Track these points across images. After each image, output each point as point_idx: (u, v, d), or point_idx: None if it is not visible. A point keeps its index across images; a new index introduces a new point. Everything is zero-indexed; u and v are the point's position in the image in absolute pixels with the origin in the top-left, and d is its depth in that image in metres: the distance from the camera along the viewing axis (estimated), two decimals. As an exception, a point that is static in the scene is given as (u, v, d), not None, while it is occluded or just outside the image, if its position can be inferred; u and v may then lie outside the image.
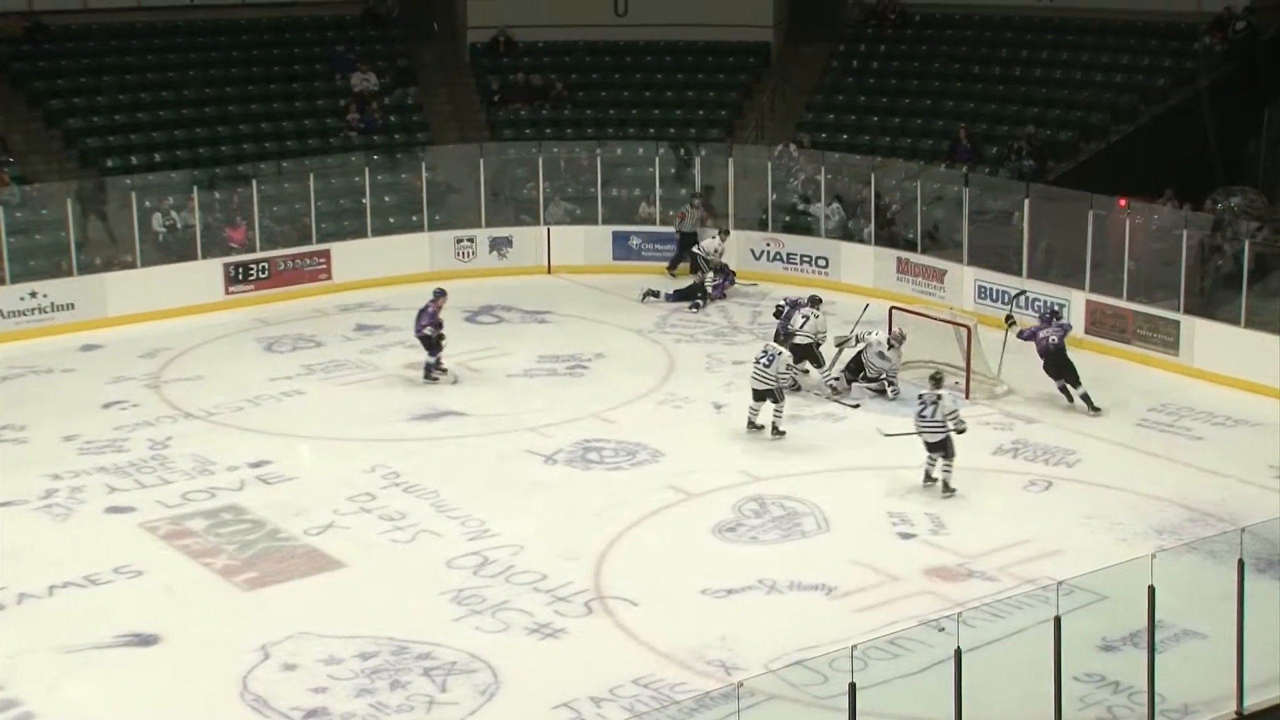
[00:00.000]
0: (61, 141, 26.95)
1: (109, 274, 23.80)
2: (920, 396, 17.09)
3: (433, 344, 20.50)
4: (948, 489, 16.65)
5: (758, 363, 18.52)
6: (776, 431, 18.39)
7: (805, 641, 13.30)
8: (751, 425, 18.51)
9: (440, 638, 13.75)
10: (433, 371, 20.59)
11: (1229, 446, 18.19)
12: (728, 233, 24.98)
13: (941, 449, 16.69)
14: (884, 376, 19.83)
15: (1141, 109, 27.00)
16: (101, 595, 14.74)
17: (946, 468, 16.71)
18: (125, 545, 15.77)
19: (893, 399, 19.70)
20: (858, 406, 19.44)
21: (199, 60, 29.23)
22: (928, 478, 16.81)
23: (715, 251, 24.65)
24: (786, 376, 18.84)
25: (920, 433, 16.80)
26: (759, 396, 18.46)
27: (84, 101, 27.63)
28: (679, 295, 24.11)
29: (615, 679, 12.97)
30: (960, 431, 16.77)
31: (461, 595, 14.58)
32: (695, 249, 24.86)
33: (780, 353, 18.66)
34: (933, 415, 16.70)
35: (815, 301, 20.79)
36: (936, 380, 17.25)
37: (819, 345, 20.46)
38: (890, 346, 19.87)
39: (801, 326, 20.34)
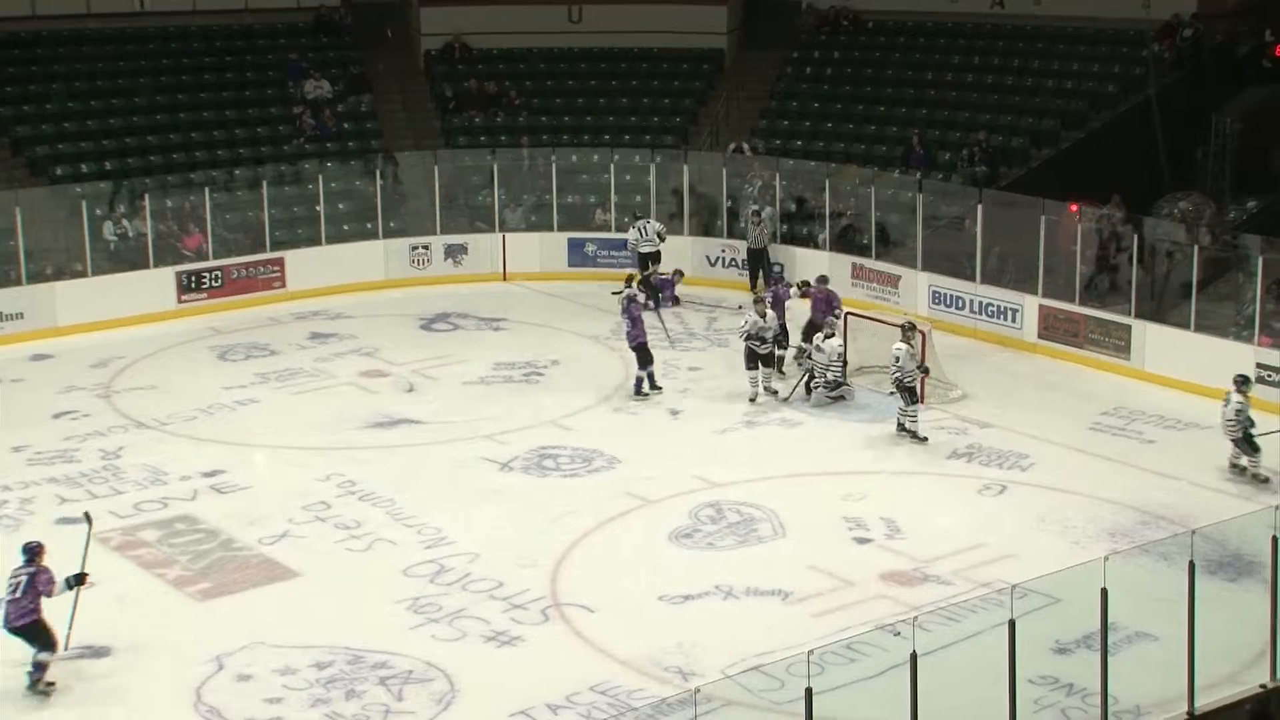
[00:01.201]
0: (10, 149, 26.69)
1: (59, 283, 23.60)
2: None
3: (647, 355, 20.21)
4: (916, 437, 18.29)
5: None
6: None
7: (762, 647, 13.31)
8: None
9: (396, 646, 13.69)
10: (643, 387, 20.17)
11: (1180, 449, 18.35)
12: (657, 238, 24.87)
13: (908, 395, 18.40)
14: (833, 377, 19.75)
15: (1091, 115, 27.25)
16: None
17: (909, 414, 18.43)
18: (76, 556, 15.56)
19: (850, 400, 19.80)
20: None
21: (150, 67, 29.03)
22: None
23: (640, 242, 24.64)
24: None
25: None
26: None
27: (33, 109, 27.38)
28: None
29: (572, 686, 12.96)
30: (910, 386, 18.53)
31: (418, 603, 14.52)
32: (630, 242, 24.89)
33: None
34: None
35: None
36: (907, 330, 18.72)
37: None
38: (827, 337, 19.91)
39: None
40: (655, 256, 24.71)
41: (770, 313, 20.05)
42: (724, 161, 26.85)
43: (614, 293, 22.02)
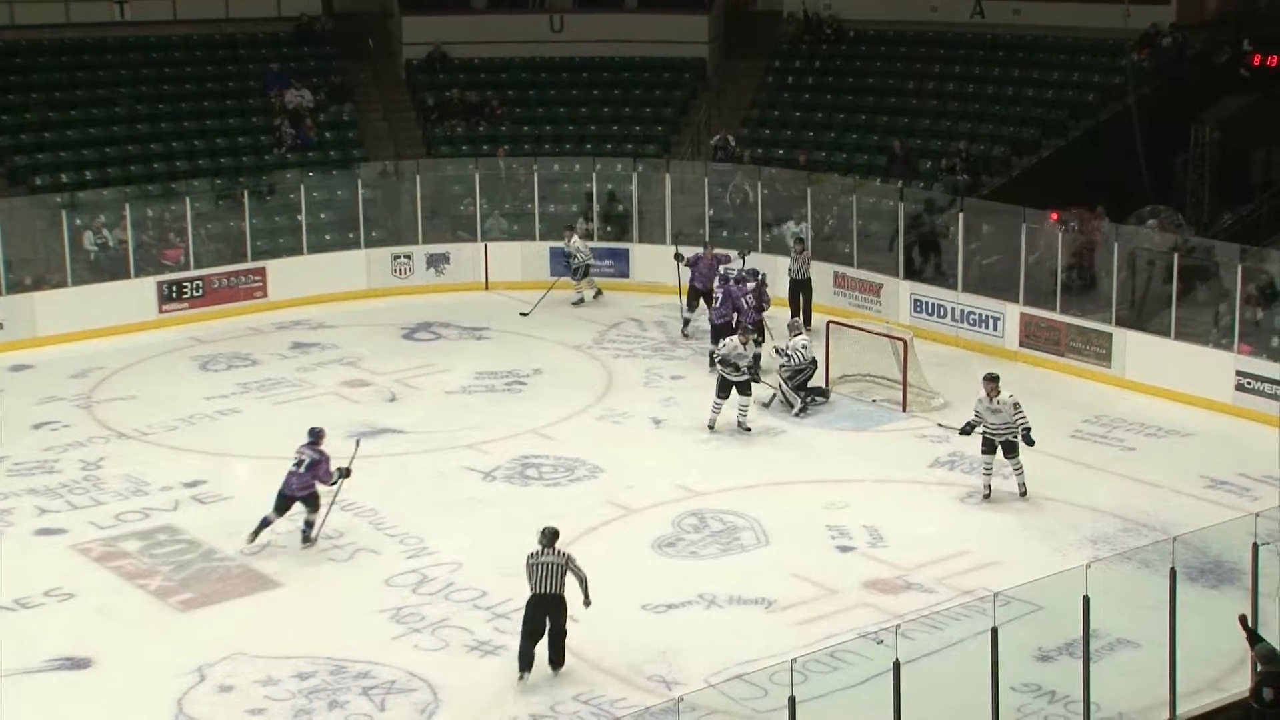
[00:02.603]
0: (-11, 159, 26.63)
1: (38, 293, 23.51)
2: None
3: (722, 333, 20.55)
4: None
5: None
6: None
7: (745, 655, 13.34)
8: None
9: (379, 656, 13.66)
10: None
11: (1161, 457, 18.42)
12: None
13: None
14: (796, 375, 19.79)
15: (1072, 124, 27.36)
16: (32, 619, 14.54)
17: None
18: (56, 567, 15.56)
19: (823, 401, 19.79)
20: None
21: (130, 77, 28.97)
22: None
23: (579, 251, 24.67)
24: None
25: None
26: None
27: (12, 119, 27.28)
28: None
29: (556, 696, 12.95)
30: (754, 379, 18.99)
31: (400, 613, 14.49)
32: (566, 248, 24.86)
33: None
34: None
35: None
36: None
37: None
38: (794, 334, 20.06)
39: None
40: (585, 270, 24.84)
41: (751, 344, 19.24)
42: (709, 155, 26.96)
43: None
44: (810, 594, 14.80)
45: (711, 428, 19.04)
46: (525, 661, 13.16)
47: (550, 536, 13.42)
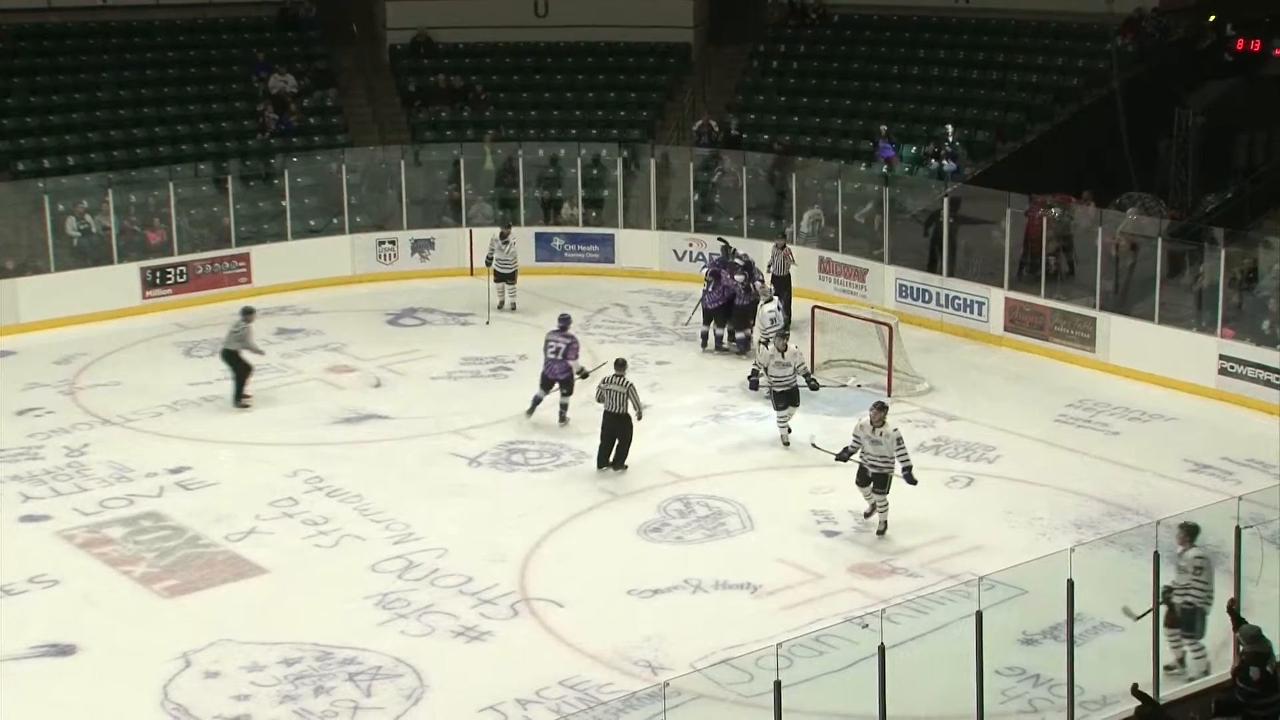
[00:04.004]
0: (-29, 145, 26.50)
1: (21, 279, 23.43)
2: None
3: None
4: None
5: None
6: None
7: (731, 640, 13.36)
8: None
9: (365, 642, 13.66)
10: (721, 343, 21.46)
11: (1144, 441, 18.48)
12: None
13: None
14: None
15: (1056, 109, 27.39)
16: (16, 605, 14.51)
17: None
18: (41, 554, 15.53)
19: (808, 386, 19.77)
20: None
21: (113, 62, 28.83)
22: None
23: (501, 256, 23.73)
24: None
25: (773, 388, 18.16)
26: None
27: (-6, 104, 27.18)
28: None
29: (542, 681, 12.96)
30: (813, 388, 18.51)
31: (386, 599, 14.49)
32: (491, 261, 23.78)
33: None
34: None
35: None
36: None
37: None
38: (766, 301, 20.27)
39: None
40: (511, 277, 23.85)
41: (792, 348, 18.31)
42: (694, 141, 27.06)
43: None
44: (796, 579, 14.83)
45: (786, 445, 18.09)
46: (601, 463, 17.24)
47: (620, 366, 17.34)
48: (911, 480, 15.49)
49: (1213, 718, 11.04)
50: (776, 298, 20.71)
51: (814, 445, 16.82)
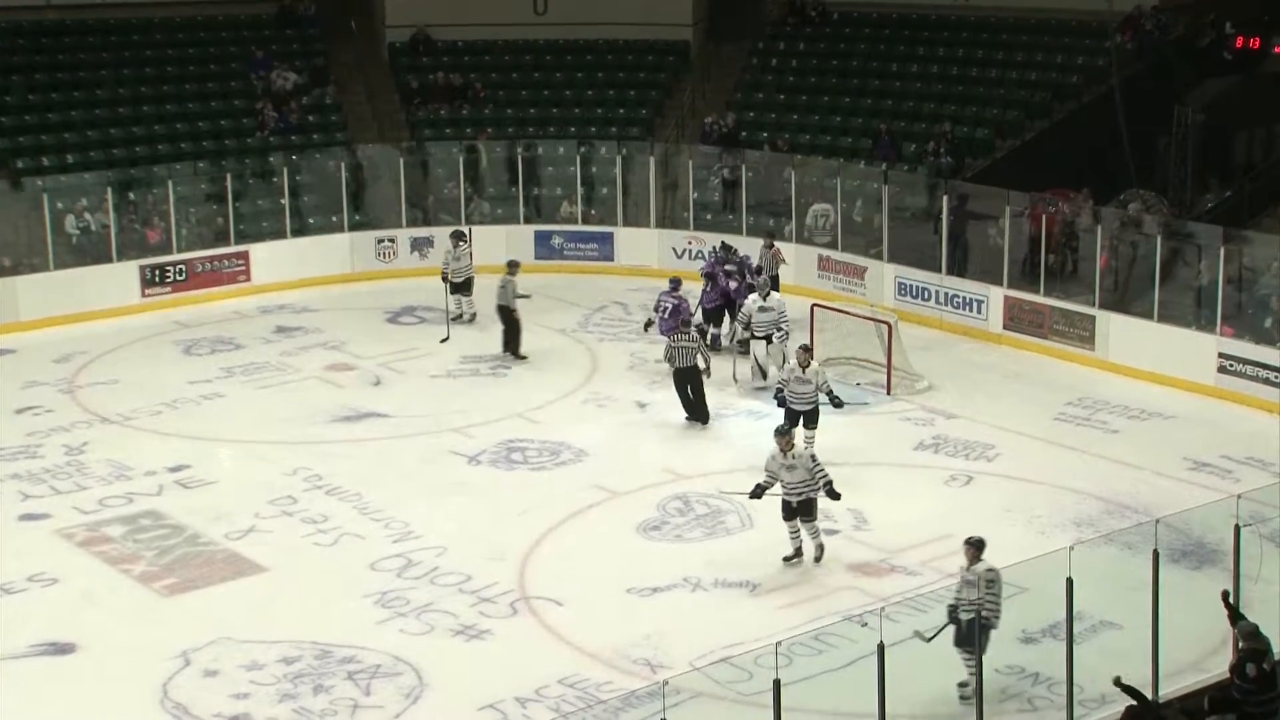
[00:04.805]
0: (-30, 143, 26.48)
1: (20, 277, 23.42)
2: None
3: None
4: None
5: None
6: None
7: (730, 639, 13.36)
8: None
9: (364, 641, 13.66)
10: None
11: (1144, 439, 18.48)
12: None
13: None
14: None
15: (1055, 106, 27.39)
16: (16, 604, 14.51)
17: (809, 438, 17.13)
18: (40, 553, 15.53)
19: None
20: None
21: (112, 59, 28.82)
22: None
23: (454, 265, 22.75)
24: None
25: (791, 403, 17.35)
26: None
27: (-7, 101, 27.16)
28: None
29: (541, 679, 12.96)
30: (836, 405, 17.58)
31: (385, 598, 14.50)
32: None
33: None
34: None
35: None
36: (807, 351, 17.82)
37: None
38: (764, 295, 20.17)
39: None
40: (465, 286, 22.86)
41: (814, 364, 17.62)
42: (699, 136, 27.04)
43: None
44: (795, 577, 14.83)
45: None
46: (690, 416, 18.74)
47: (686, 325, 19.00)
48: (834, 495, 14.86)
49: (1207, 715, 11.05)
50: (773, 294, 20.57)
51: (722, 492, 16.26)
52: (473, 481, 17.34)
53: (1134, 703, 10.97)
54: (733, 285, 21.49)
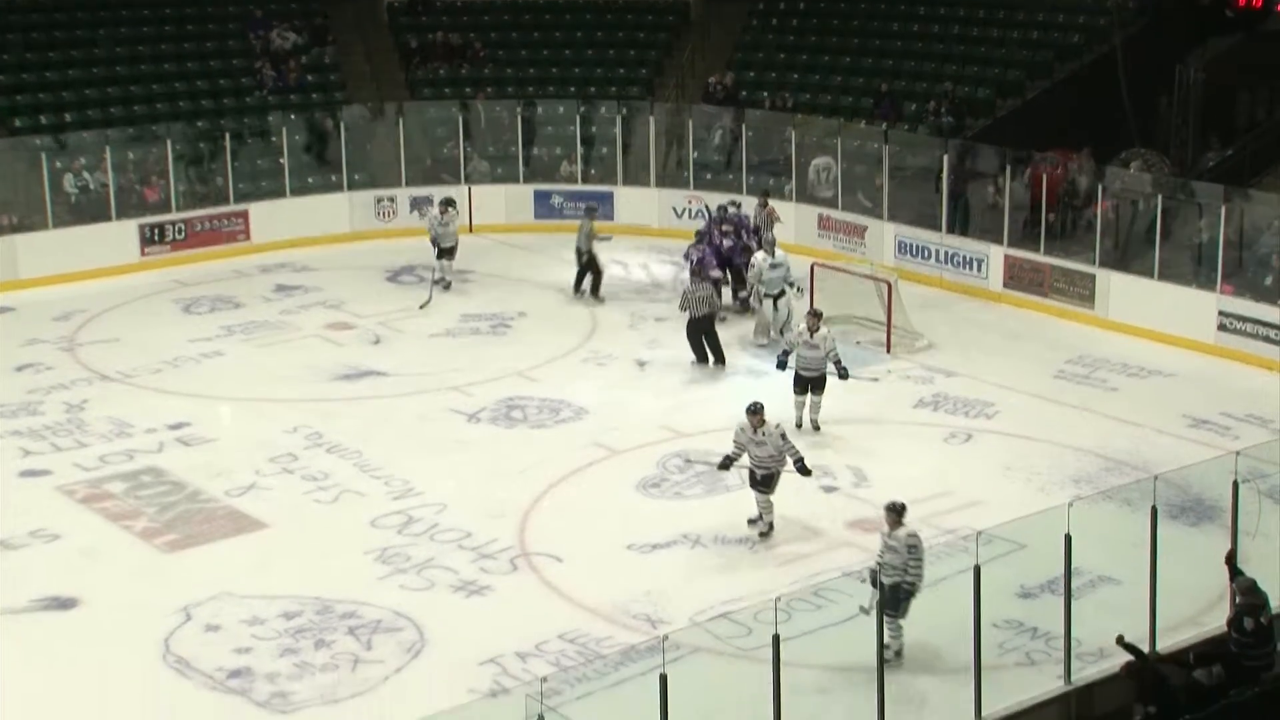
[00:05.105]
0: (-32, 102, 26.38)
1: (19, 235, 23.39)
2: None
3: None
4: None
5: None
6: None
7: (729, 594, 13.41)
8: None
9: (365, 596, 13.70)
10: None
11: (1143, 397, 18.50)
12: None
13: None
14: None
15: (1056, 66, 27.28)
16: (17, 559, 14.56)
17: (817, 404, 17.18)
18: (41, 508, 15.57)
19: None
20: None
21: (110, 17, 28.66)
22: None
23: (441, 231, 22.60)
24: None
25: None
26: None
27: (-10, 60, 27.05)
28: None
29: (541, 634, 13.01)
30: (842, 376, 17.27)
31: (386, 554, 14.54)
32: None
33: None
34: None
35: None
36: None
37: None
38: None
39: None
40: (451, 251, 22.69)
41: (823, 329, 17.31)
42: (704, 94, 26.91)
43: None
44: (794, 534, 14.86)
45: (800, 426, 17.16)
46: (704, 358, 19.28)
47: (695, 273, 19.60)
48: (805, 471, 14.68)
49: (1192, 668, 11.11)
50: (776, 254, 20.52)
51: (688, 460, 16.08)
52: (473, 439, 17.36)
53: (1132, 658, 11.03)
54: (727, 244, 21.44)
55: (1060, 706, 11.49)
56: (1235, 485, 12.28)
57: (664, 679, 9.73)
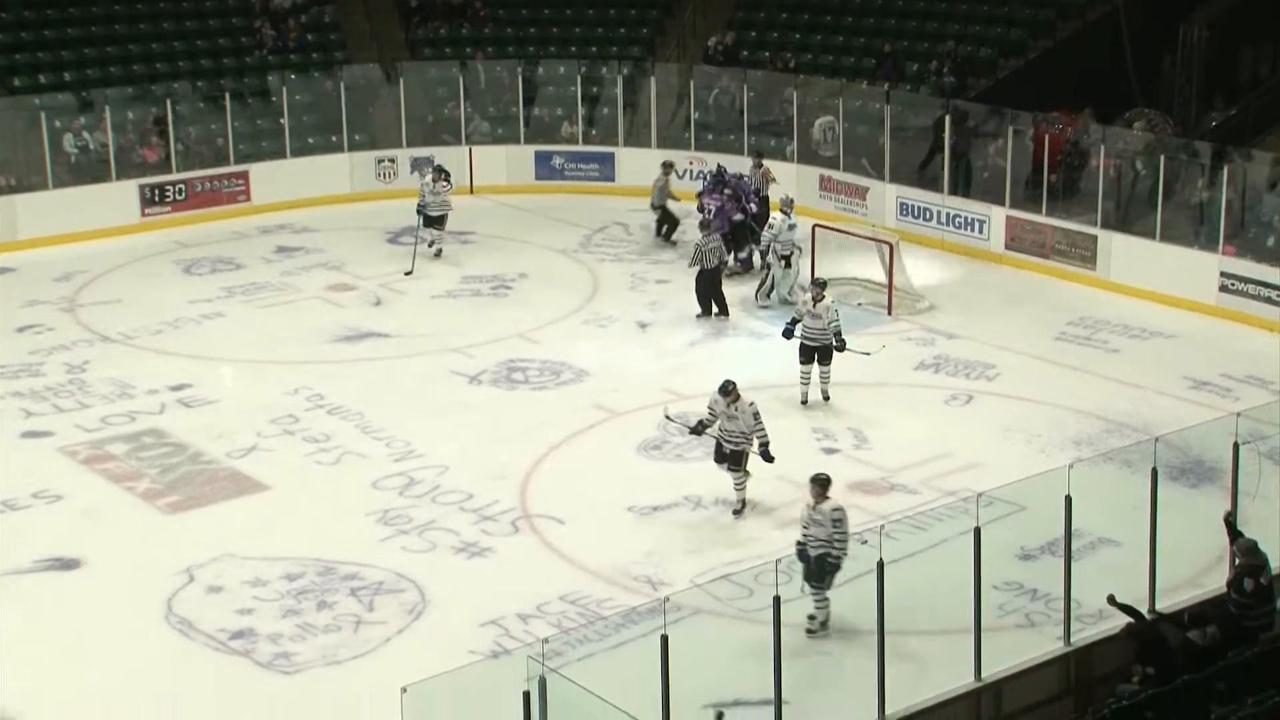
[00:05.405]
0: (-34, 61, 26.25)
1: (19, 195, 23.33)
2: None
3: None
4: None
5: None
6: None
7: (730, 556, 13.47)
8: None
9: (367, 558, 13.76)
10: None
11: (1144, 358, 18.51)
12: None
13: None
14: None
15: (1060, 24, 27.10)
16: (20, 520, 14.61)
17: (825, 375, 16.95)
18: (44, 470, 15.61)
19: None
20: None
21: (108, -24, 28.48)
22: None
23: (432, 199, 22.30)
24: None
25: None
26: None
27: (-11, 20, 26.88)
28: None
29: (542, 596, 13.06)
30: (839, 348, 16.88)
31: (388, 516, 14.58)
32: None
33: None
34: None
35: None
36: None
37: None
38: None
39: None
40: (441, 220, 22.32)
41: (827, 299, 16.91)
42: (705, 56, 26.86)
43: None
44: (795, 495, 14.78)
45: (804, 402, 16.99)
46: (709, 310, 19.63)
47: (704, 226, 20.08)
48: (769, 458, 14.36)
49: (1188, 628, 11.15)
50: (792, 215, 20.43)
51: (666, 417, 15.78)
52: (474, 401, 17.38)
53: (1130, 620, 11.07)
54: (713, 203, 21.37)
55: (1060, 668, 11.53)
56: (1236, 447, 12.28)
57: (665, 640, 9.77)
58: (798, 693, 10.63)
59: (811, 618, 12.11)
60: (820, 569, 12.12)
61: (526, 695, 9.21)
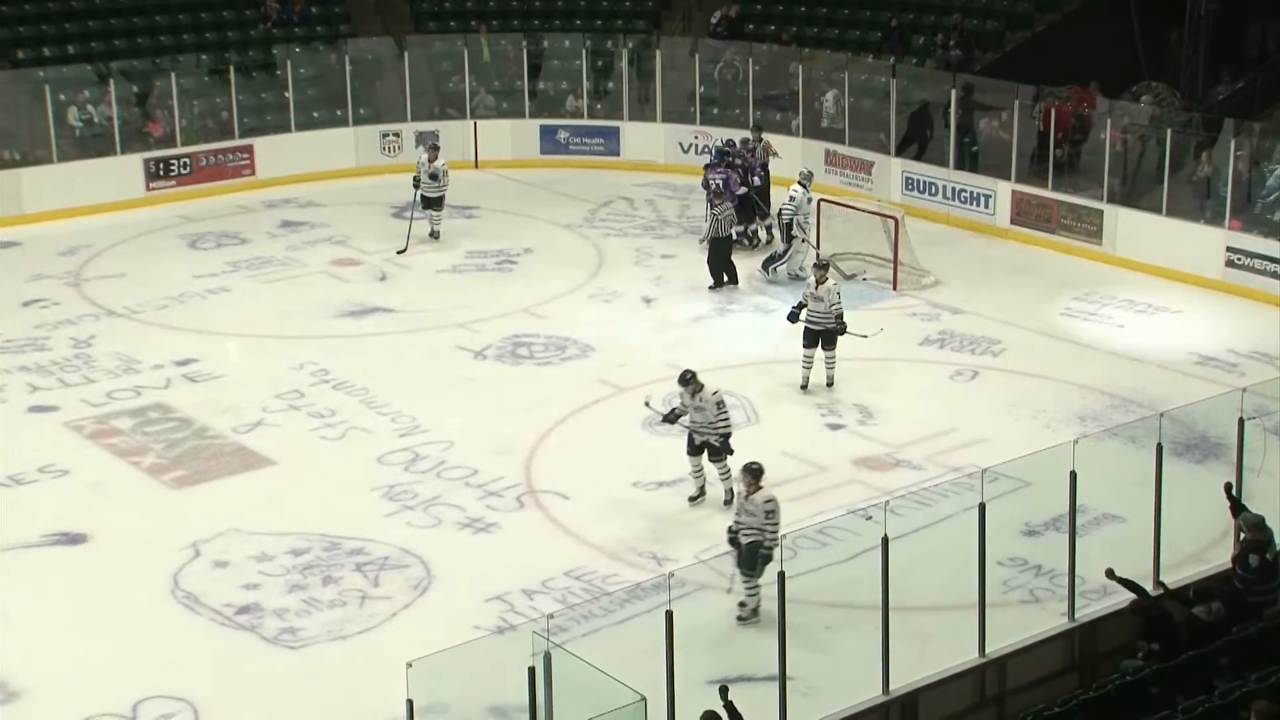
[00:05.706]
0: (-30, 34, 26.19)
1: (24, 169, 23.31)
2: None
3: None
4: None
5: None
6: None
7: (735, 531, 13.43)
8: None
9: (372, 533, 13.79)
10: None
11: (1150, 334, 18.48)
12: None
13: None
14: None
15: (1067, -2, 26.99)
16: (27, 495, 14.65)
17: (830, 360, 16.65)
18: (50, 444, 15.64)
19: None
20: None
21: (112, -52, 28.38)
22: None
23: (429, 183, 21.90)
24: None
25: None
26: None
27: (-8, -8, 26.80)
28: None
29: (547, 572, 13.09)
30: (839, 331, 16.58)
31: (393, 491, 14.60)
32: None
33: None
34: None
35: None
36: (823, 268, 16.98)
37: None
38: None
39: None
40: (439, 202, 21.96)
41: (829, 282, 16.76)
42: (708, 31, 26.74)
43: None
44: (800, 471, 14.90)
45: (804, 388, 16.74)
46: (722, 281, 19.80)
47: (719, 194, 19.97)
48: (728, 450, 14.06)
49: (1192, 604, 11.17)
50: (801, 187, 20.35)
51: (646, 404, 15.40)
52: (479, 376, 17.38)
53: (1135, 595, 11.08)
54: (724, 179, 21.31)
55: (1064, 643, 11.55)
56: (1241, 422, 12.29)
57: (670, 616, 9.79)
58: (802, 668, 10.65)
59: (742, 605, 11.97)
60: (751, 557, 12.04)
61: (531, 670, 9.24)
